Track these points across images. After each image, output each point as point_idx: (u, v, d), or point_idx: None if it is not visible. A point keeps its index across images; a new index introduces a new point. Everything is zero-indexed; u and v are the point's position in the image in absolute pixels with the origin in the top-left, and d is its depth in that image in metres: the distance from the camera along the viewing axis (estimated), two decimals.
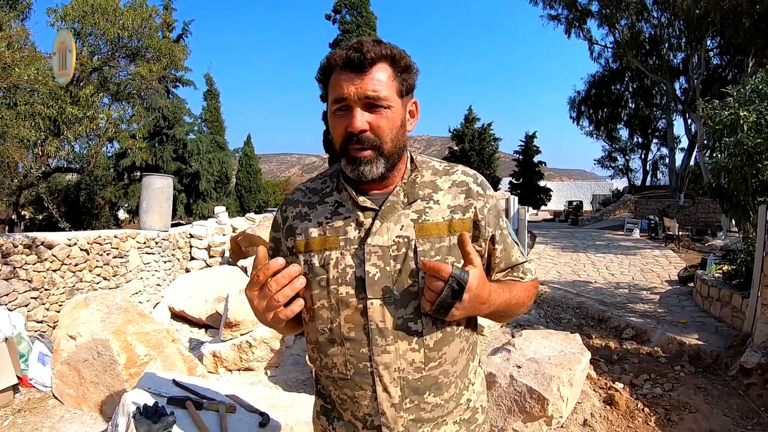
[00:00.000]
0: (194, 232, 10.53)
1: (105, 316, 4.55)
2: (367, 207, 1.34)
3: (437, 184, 1.40)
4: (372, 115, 1.27)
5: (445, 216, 1.35)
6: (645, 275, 12.70)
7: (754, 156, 7.87)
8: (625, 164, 42.20)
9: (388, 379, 1.30)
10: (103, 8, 10.91)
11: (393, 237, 1.31)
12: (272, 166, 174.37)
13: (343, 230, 1.34)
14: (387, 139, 1.29)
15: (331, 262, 1.32)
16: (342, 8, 29.25)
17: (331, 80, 1.31)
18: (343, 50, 1.27)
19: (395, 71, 1.30)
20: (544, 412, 4.03)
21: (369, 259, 1.30)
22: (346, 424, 1.40)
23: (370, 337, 1.29)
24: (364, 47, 1.24)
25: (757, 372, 5.68)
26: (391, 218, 1.33)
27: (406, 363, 1.30)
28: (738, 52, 26.59)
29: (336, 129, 1.31)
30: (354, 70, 1.25)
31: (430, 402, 1.35)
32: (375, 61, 1.26)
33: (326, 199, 1.41)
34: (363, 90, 1.24)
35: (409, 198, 1.36)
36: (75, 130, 10.58)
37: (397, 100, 1.30)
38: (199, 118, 24.75)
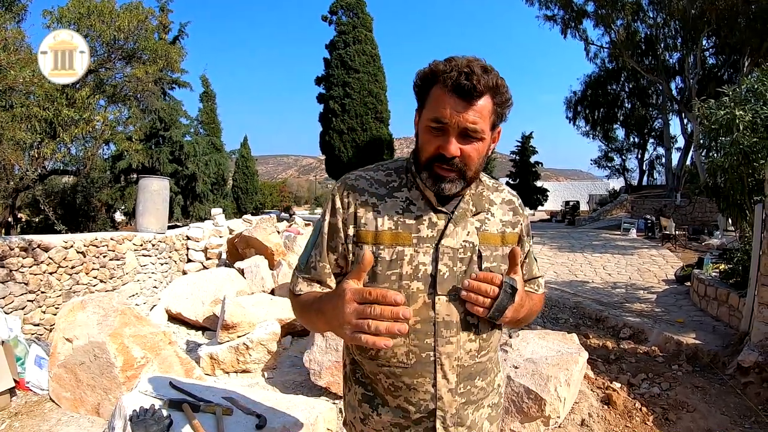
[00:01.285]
0: (191, 234, 10.51)
1: (102, 319, 4.54)
2: (442, 210, 1.42)
3: (492, 198, 1.53)
4: (465, 143, 1.33)
5: (499, 228, 1.49)
6: (642, 275, 12.72)
7: (750, 155, 7.88)
8: (621, 164, 42.22)
9: (449, 366, 1.39)
10: (99, 10, 10.90)
11: (461, 241, 1.41)
12: (269, 168, 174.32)
13: (415, 228, 1.40)
14: (472, 166, 1.36)
15: (405, 258, 1.38)
16: (338, 9, 29.24)
17: (433, 94, 1.34)
18: (453, 71, 1.28)
19: (495, 104, 1.34)
20: (541, 413, 4.03)
21: (442, 258, 1.38)
22: (393, 410, 1.45)
23: (436, 329, 1.37)
24: (475, 77, 1.27)
25: (754, 370, 5.69)
26: (461, 224, 1.42)
27: (464, 352, 1.41)
28: (734, 52, 26.61)
29: (427, 144, 1.36)
30: (461, 96, 1.29)
31: (478, 386, 1.47)
32: (483, 93, 1.30)
33: (395, 194, 1.45)
34: (464, 121, 1.29)
35: (476, 208, 1.47)
36: (71, 133, 10.57)
37: (489, 132, 1.36)
38: (195, 120, 24.73)
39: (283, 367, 5.83)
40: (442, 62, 1.33)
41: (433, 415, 1.41)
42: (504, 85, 1.34)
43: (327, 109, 28.78)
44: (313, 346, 4.92)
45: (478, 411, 1.49)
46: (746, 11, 22.29)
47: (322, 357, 4.81)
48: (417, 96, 1.42)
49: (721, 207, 9.48)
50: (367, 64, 28.52)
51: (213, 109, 27.22)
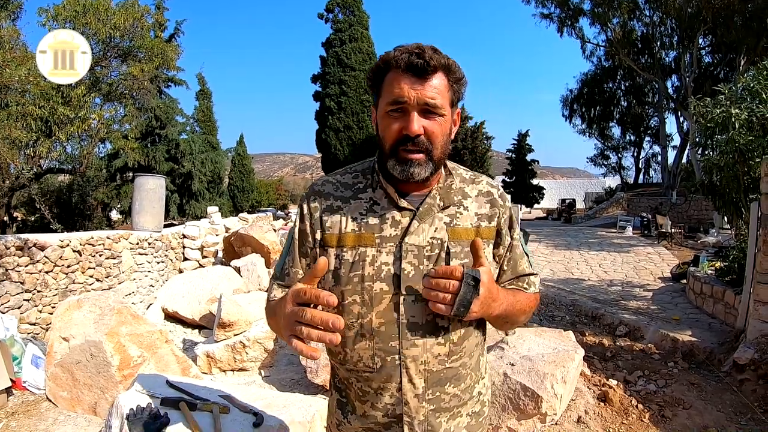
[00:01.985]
0: (187, 232, 10.51)
1: (98, 318, 4.53)
2: (405, 207, 1.38)
3: (466, 191, 1.47)
4: (427, 120, 1.31)
5: (473, 222, 1.43)
6: (638, 272, 12.76)
7: (745, 153, 7.91)
8: (617, 162, 42.31)
9: (414, 370, 1.35)
10: (95, 8, 10.89)
11: (428, 238, 1.36)
12: (265, 166, 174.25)
13: (378, 228, 1.37)
14: (438, 144, 1.33)
15: (367, 259, 1.35)
16: (334, 7, 29.29)
17: (388, 80, 1.33)
18: (403, 53, 1.29)
19: (449, 81, 1.34)
20: (538, 410, 4.04)
21: (405, 257, 1.33)
22: (359, 417, 1.44)
23: (401, 332, 1.33)
24: (426, 54, 1.27)
25: (750, 367, 5.70)
26: (427, 220, 1.37)
27: (432, 356, 1.35)
28: (730, 51, 26.68)
29: (389, 129, 1.33)
30: (415, 74, 1.28)
31: (449, 392, 1.40)
32: (436, 69, 1.29)
33: (360, 195, 1.43)
34: (423, 96, 1.28)
35: (444, 202, 1.41)
36: (67, 131, 10.57)
37: (449, 109, 1.35)
38: (191, 118, 24.74)
39: (280, 365, 5.84)
40: (392, 51, 1.33)
41: (400, 420, 1.39)
42: (456, 64, 1.35)
43: (323, 107, 28.84)
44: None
45: (453, 420, 1.44)
46: (742, 10, 22.35)
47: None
48: (372, 90, 1.41)
49: (717, 205, 9.52)
50: (363, 62, 28.58)
51: (209, 107, 27.22)
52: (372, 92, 1.42)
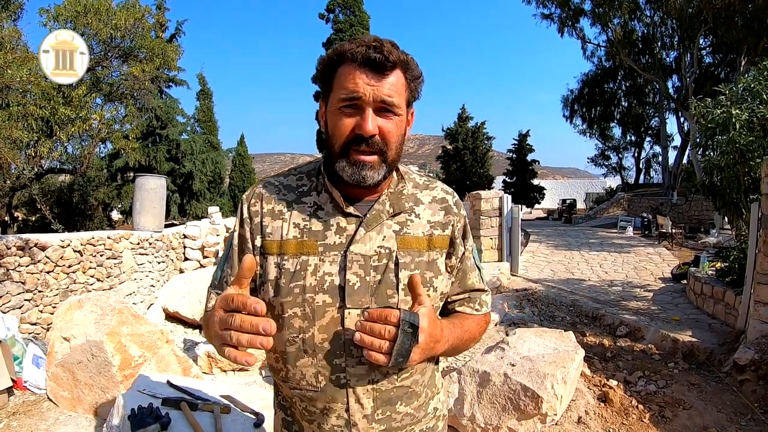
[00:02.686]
0: (188, 232, 10.53)
1: (99, 318, 4.55)
2: (351, 213, 1.29)
3: (418, 197, 1.39)
4: (382, 119, 1.22)
5: (425, 231, 1.34)
6: (638, 273, 12.78)
7: (746, 154, 7.93)
8: (618, 162, 42.32)
9: (362, 390, 1.26)
10: (96, 8, 10.89)
11: (375, 247, 1.28)
12: (266, 166, 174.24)
13: (322, 235, 1.28)
14: (393, 146, 1.25)
15: (309, 268, 1.25)
16: (335, 7, 29.29)
17: (341, 73, 1.22)
18: (360, 46, 1.19)
19: (407, 79, 1.26)
20: (538, 410, 4.05)
21: (351, 267, 1.25)
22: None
23: (346, 348, 1.24)
24: (386, 48, 1.18)
25: (750, 368, 5.72)
26: (374, 227, 1.29)
27: (381, 374, 1.27)
28: (730, 51, 26.70)
29: (340, 126, 1.23)
30: (373, 70, 1.19)
31: (401, 411, 1.32)
32: (395, 65, 1.21)
33: (303, 199, 1.33)
34: (380, 93, 1.19)
35: (394, 209, 1.32)
36: (68, 131, 10.58)
37: (405, 108, 1.27)
38: (192, 118, 24.73)
39: None
40: (347, 42, 1.22)
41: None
42: (414, 60, 1.26)
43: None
44: None
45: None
46: (743, 10, 22.37)
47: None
48: (321, 83, 1.30)
49: (717, 205, 9.54)
50: None
51: (210, 108, 27.20)
52: (321, 85, 1.31)
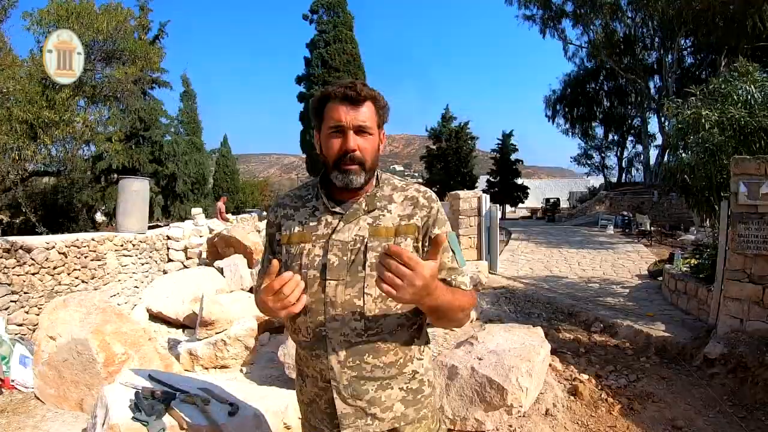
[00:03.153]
0: (171, 233, 10.59)
1: (84, 317, 4.65)
2: (336, 211, 1.69)
3: (393, 197, 1.75)
4: (360, 139, 1.63)
5: (395, 222, 1.69)
6: (616, 270, 12.92)
7: (716, 153, 8.08)
8: (601, 161, 42.62)
9: (336, 340, 1.63)
10: (78, 12, 10.97)
11: (352, 235, 1.65)
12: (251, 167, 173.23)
13: (315, 228, 1.69)
14: (369, 158, 1.65)
15: (304, 252, 1.67)
16: (319, 8, 29.30)
17: (328, 108, 1.65)
18: (340, 87, 1.62)
19: (376, 108, 1.68)
20: (503, 402, 4.19)
21: (331, 250, 1.64)
22: (309, 379, 1.75)
23: (325, 309, 1.62)
24: (358, 87, 1.61)
25: (720, 362, 5.90)
26: (352, 221, 1.67)
27: (350, 329, 1.62)
28: (711, 51, 26.99)
29: (332, 147, 1.64)
30: (350, 103, 1.61)
31: (369, 362, 1.65)
32: (365, 99, 1.63)
33: (307, 204, 1.77)
34: (356, 119, 1.61)
35: (369, 207, 1.70)
36: (52, 134, 10.64)
37: (377, 129, 1.69)
38: (175, 120, 24.67)
39: (261, 362, 5.97)
40: (329, 86, 1.67)
41: (329, 384, 1.65)
42: (380, 95, 1.69)
43: (307, 108, 28.85)
44: (288, 340, 5.02)
45: (383, 390, 1.67)
46: (724, 11, 22.63)
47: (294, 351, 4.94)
48: (314, 117, 1.73)
49: (690, 203, 9.71)
50: (347, 63, 28.63)
51: (193, 109, 27.15)
52: (314, 119, 1.74)
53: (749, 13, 21.45)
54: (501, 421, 4.24)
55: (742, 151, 7.69)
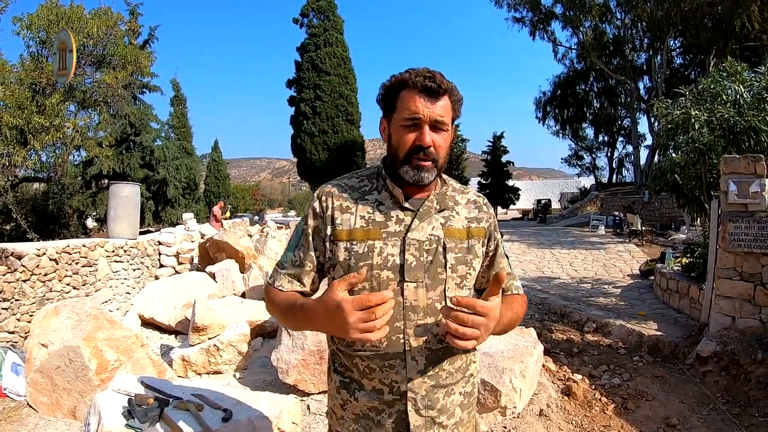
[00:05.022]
0: (163, 239, 10.55)
1: (75, 324, 4.63)
2: (408, 208, 1.59)
3: (457, 199, 1.69)
4: (435, 135, 1.53)
5: (464, 224, 1.64)
6: (608, 270, 13.00)
7: (706, 153, 8.14)
8: (591, 162, 42.87)
9: (417, 349, 1.52)
10: (68, 17, 10.93)
11: (427, 234, 1.56)
12: (242, 171, 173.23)
13: (384, 224, 1.56)
14: (443, 155, 1.57)
15: (375, 250, 1.53)
16: (309, 12, 29.33)
17: (403, 97, 1.54)
18: (419, 76, 1.51)
19: (452, 102, 1.57)
20: (497, 403, 4.21)
21: (408, 249, 1.52)
22: (368, 392, 1.57)
23: (405, 314, 1.51)
24: (438, 78, 1.51)
25: (712, 360, 5.94)
26: (426, 219, 1.58)
27: (432, 336, 1.52)
28: (700, 52, 27.16)
29: (403, 139, 1.54)
30: (429, 95, 1.50)
31: (446, 369, 1.57)
32: (445, 92, 1.52)
33: (366, 197, 1.63)
34: (434, 114, 1.51)
35: (440, 206, 1.63)
36: (42, 140, 10.60)
37: (450, 125, 1.58)
38: (166, 124, 24.62)
39: (254, 367, 5.94)
40: (406, 72, 1.55)
41: (404, 396, 1.53)
42: (456, 88, 1.57)
43: (298, 112, 28.86)
44: (281, 345, 5.03)
45: (449, 396, 1.58)
46: (712, 12, 22.78)
47: (288, 356, 4.92)
48: (384, 104, 1.62)
49: (680, 203, 9.78)
50: (338, 66, 28.65)
51: (184, 113, 27.10)
52: (383, 106, 1.63)
53: (737, 14, 21.62)
54: (495, 423, 4.26)
55: (731, 150, 7.75)
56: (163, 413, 2.77)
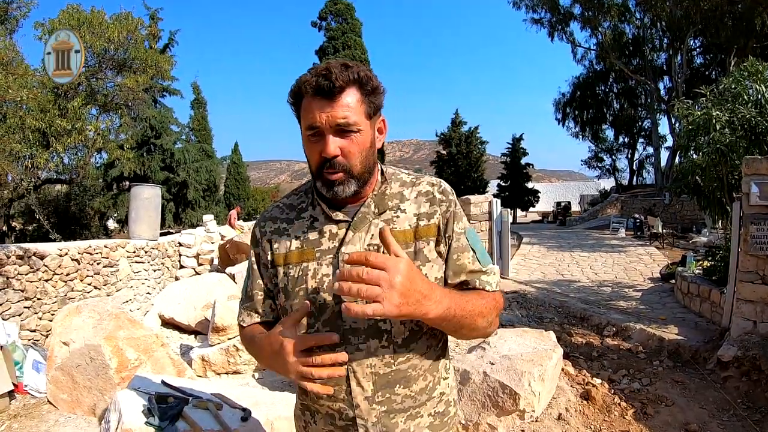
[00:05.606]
0: (183, 240, 10.64)
1: (96, 323, 4.69)
2: (340, 219, 1.42)
3: (404, 194, 1.48)
4: (343, 140, 1.33)
5: (411, 223, 1.43)
6: (628, 273, 12.87)
7: (727, 154, 8.04)
8: (611, 164, 42.50)
9: (361, 374, 1.37)
10: (90, 21, 11.05)
11: (365, 245, 1.39)
12: (261, 173, 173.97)
13: (318, 242, 1.42)
14: (356, 162, 1.36)
15: (309, 272, 1.39)
16: (328, 15, 29.42)
17: (303, 105, 1.35)
18: (312, 76, 1.31)
19: (363, 94, 1.35)
20: (516, 407, 4.19)
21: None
22: (324, 417, 1.45)
23: (345, 337, 1.35)
24: (333, 74, 1.29)
25: (733, 365, 5.83)
26: (362, 228, 1.41)
27: (377, 359, 1.37)
28: (720, 51, 26.89)
29: (311, 154, 1.37)
30: (324, 96, 1.30)
31: (399, 393, 1.41)
32: (344, 87, 1.30)
33: (302, 215, 1.48)
34: (334, 118, 1.30)
35: (379, 209, 1.44)
36: (64, 142, 10.72)
37: (366, 122, 1.36)
38: (186, 127, 24.84)
39: None
40: (302, 75, 1.36)
41: (355, 422, 1.41)
42: (369, 75, 1.36)
43: None
44: None
45: (413, 420, 1.44)
46: (731, 11, 22.56)
47: None
48: (295, 115, 1.43)
49: (701, 205, 9.67)
50: None
51: (204, 116, 27.33)
52: (296, 117, 1.44)
53: (757, 12, 21.37)
54: (513, 426, 4.25)
55: (753, 151, 7.65)
56: (183, 412, 2.79)
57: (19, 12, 10.84)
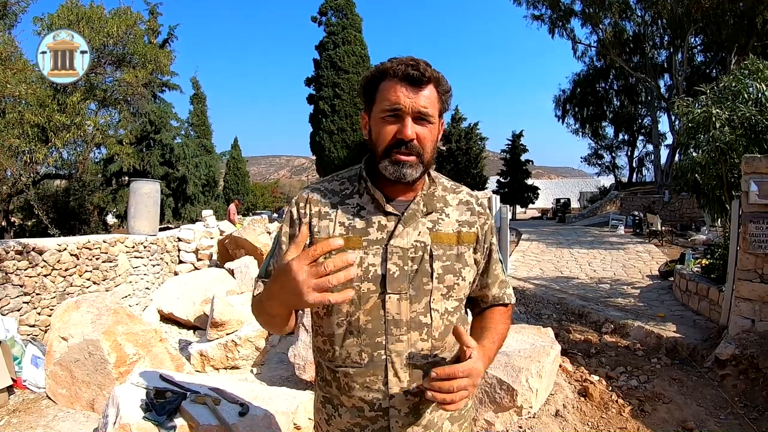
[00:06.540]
0: (182, 235, 10.63)
1: (95, 318, 4.69)
2: (391, 212, 1.45)
3: (447, 199, 1.55)
4: (419, 127, 1.39)
5: (454, 228, 1.49)
6: (627, 270, 12.86)
7: (727, 152, 8.03)
8: (611, 161, 42.46)
9: (399, 364, 1.40)
10: (89, 16, 11.04)
11: (412, 241, 1.43)
12: (261, 169, 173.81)
13: (365, 231, 1.43)
14: (428, 149, 1.42)
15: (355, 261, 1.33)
16: (328, 10, 29.38)
17: (384, 87, 1.41)
18: (400, 64, 1.38)
19: (439, 93, 1.43)
20: (513, 403, 4.19)
21: (391, 258, 1.40)
22: (350, 410, 1.47)
23: (387, 328, 1.40)
24: (421, 66, 1.37)
25: (731, 363, 5.83)
26: (411, 224, 1.44)
27: (416, 351, 1.41)
28: (721, 49, 26.84)
29: (383, 133, 1.41)
30: (411, 84, 1.37)
31: None
32: (429, 81, 1.39)
33: (347, 201, 1.49)
34: (417, 104, 1.37)
35: (427, 208, 1.48)
36: (63, 138, 10.72)
37: (437, 118, 1.44)
38: (185, 122, 24.81)
39: (271, 363, 5.98)
40: (387, 61, 1.42)
41: (387, 413, 1.43)
42: (444, 77, 1.44)
43: (317, 110, 28.93)
44: (298, 341, 5.05)
45: (437, 411, 1.48)
46: (733, 9, 22.52)
47: (306, 352, 4.93)
48: (364, 96, 1.48)
49: (701, 203, 9.66)
50: (356, 64, 28.68)
51: (203, 111, 27.31)
52: (364, 99, 1.49)
53: (759, 10, 21.32)
54: (511, 422, 4.24)
55: (753, 149, 7.64)
56: (181, 407, 2.80)
57: (18, 7, 10.83)
